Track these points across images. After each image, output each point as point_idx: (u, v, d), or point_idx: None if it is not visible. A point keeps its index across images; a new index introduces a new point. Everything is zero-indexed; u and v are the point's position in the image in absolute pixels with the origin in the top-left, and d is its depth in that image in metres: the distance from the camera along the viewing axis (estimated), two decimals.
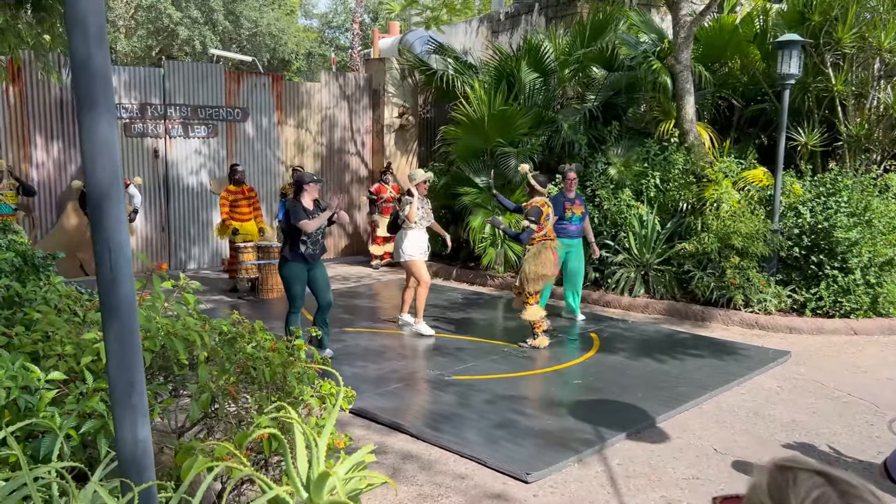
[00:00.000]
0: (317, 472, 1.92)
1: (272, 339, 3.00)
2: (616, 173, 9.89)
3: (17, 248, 4.38)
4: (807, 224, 8.47)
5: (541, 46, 11.25)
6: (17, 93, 9.89)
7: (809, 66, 9.58)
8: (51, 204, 10.35)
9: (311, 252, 6.42)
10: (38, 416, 2.41)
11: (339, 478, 1.87)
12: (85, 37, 1.66)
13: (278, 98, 12.05)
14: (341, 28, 37.22)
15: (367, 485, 2.06)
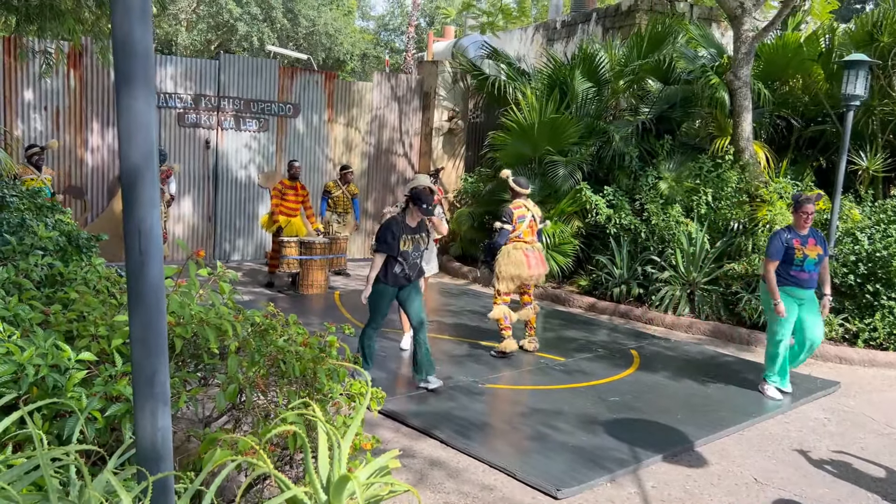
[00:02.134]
0: (337, 474, 1.85)
1: (305, 334, 2.95)
2: (666, 188, 9.67)
3: (62, 228, 4.43)
4: (864, 251, 8.14)
5: (596, 56, 11.09)
6: (77, 77, 10.12)
7: (875, 88, 9.24)
8: (102, 188, 10.56)
9: (407, 274, 5.75)
10: (65, 397, 2.39)
11: (359, 482, 1.80)
12: (127, 11, 1.62)
13: (330, 96, 12.12)
14: (397, 31, 37.46)
15: (388, 491, 1.98)
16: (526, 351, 7.26)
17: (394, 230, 5.64)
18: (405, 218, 5.74)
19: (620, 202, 9.79)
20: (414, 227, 5.76)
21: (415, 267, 5.83)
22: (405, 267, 5.71)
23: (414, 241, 5.74)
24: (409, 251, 5.70)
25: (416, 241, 5.76)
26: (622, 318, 9.11)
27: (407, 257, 5.69)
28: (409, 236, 5.70)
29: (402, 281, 5.76)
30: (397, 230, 5.64)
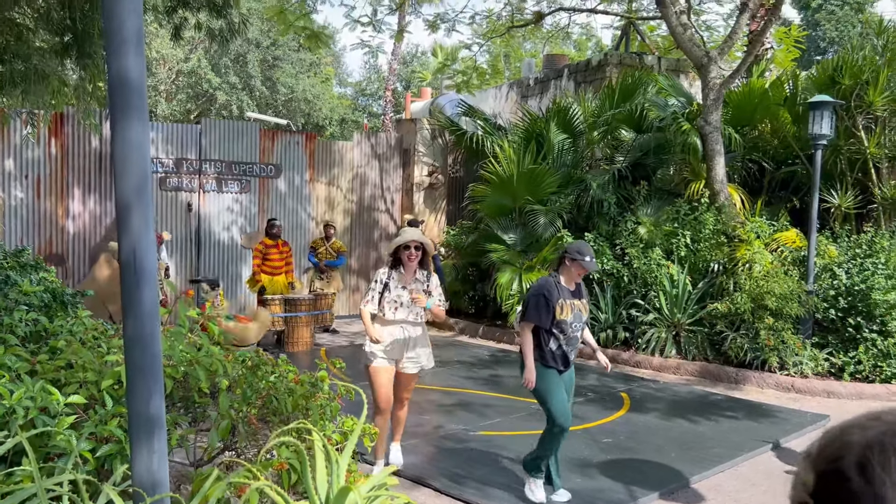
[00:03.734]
0: (336, 489, 1.83)
1: (295, 372, 2.95)
2: (646, 232, 9.82)
3: (47, 286, 4.42)
4: (843, 286, 8.27)
5: (569, 108, 11.38)
6: (58, 145, 10.20)
7: (841, 129, 9.53)
8: (84, 255, 10.51)
9: (564, 353, 4.54)
10: (55, 439, 2.36)
11: (360, 494, 1.78)
12: (122, 44, 1.68)
13: (311, 156, 12.27)
14: (374, 96, 38.20)
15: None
16: None
17: (548, 294, 4.43)
18: (559, 278, 4.53)
19: (602, 248, 9.90)
20: (573, 290, 4.56)
21: (574, 342, 4.56)
22: (562, 343, 4.46)
23: (574, 308, 4.49)
24: (568, 321, 4.44)
25: (576, 309, 4.51)
26: (610, 363, 9.09)
27: (565, 329, 4.43)
28: (568, 301, 4.47)
29: (560, 364, 4.52)
30: (552, 294, 4.44)
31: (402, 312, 4.85)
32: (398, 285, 4.84)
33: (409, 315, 4.85)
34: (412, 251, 4.80)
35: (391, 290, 4.82)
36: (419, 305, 4.79)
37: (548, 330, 4.45)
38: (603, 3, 13.87)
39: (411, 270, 4.87)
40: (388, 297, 4.82)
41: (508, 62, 29.87)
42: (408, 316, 4.85)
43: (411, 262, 4.79)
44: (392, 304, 4.84)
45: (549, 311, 4.42)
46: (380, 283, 4.87)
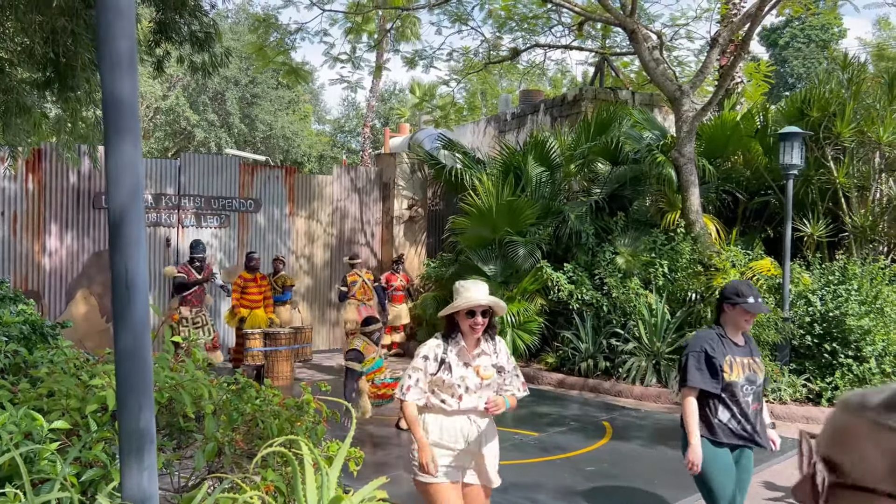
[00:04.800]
0: (327, 499, 1.83)
1: (280, 396, 2.95)
2: (624, 262, 9.93)
3: (26, 318, 4.38)
4: (818, 312, 8.41)
5: (546, 142, 11.57)
6: (35, 181, 10.14)
7: (811, 159, 9.78)
8: (60, 292, 10.40)
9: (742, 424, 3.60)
10: (39, 465, 2.34)
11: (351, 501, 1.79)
12: (117, 66, 1.73)
13: (291, 190, 12.31)
14: (353, 132, 38.48)
15: None
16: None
17: (710, 348, 3.54)
18: (723, 330, 3.63)
19: (581, 278, 10.00)
20: (741, 343, 3.63)
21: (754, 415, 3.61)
22: (736, 413, 3.57)
23: (745, 367, 3.57)
24: (739, 384, 3.54)
25: (748, 369, 3.58)
26: (592, 392, 9.13)
27: (736, 394, 3.54)
28: (738, 359, 3.57)
29: (736, 438, 3.60)
30: (716, 348, 3.54)
31: (469, 400, 3.38)
32: (459, 362, 3.40)
33: (478, 403, 3.40)
34: (478, 318, 3.33)
35: (452, 369, 3.37)
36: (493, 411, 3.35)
37: (716, 396, 3.53)
38: (577, 39, 14.19)
39: (474, 340, 3.44)
40: (449, 379, 3.36)
41: (485, 98, 30.32)
42: (477, 404, 3.40)
43: (476, 333, 3.38)
44: (454, 390, 3.38)
45: (714, 371, 3.51)
46: (433, 361, 3.38)
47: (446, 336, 3.47)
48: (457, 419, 3.42)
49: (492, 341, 3.51)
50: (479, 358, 3.45)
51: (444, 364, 3.39)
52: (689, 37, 20.47)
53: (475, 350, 3.46)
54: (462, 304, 3.35)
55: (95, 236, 10.60)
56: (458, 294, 3.40)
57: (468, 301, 3.34)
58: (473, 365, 3.42)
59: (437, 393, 3.41)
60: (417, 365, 3.40)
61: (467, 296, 3.37)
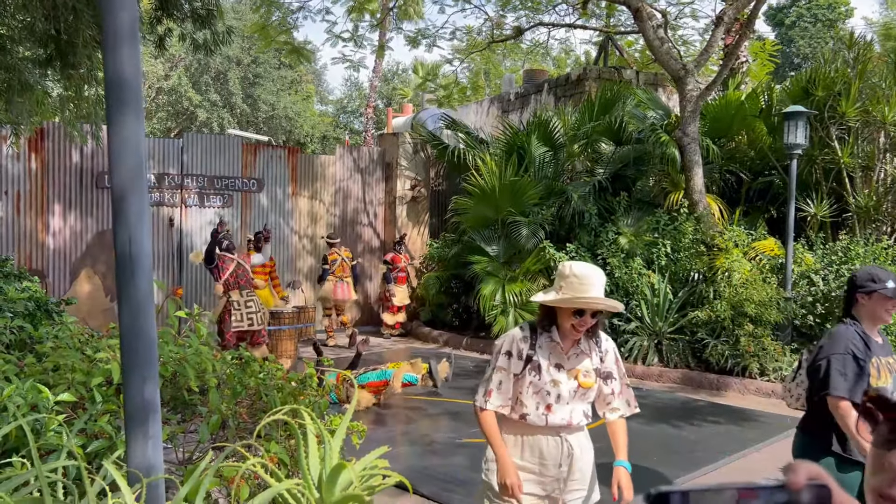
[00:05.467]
0: (329, 467, 1.86)
1: (283, 370, 2.97)
2: (626, 242, 9.93)
3: (31, 294, 4.41)
4: (820, 292, 8.42)
5: (550, 121, 11.52)
6: (38, 160, 10.15)
7: (815, 139, 9.74)
8: (65, 271, 10.44)
9: None
10: (45, 437, 2.37)
11: (354, 471, 1.82)
12: (118, 41, 1.73)
13: (293, 170, 12.30)
14: (355, 113, 38.36)
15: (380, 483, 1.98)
16: None
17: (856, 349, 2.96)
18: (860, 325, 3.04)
19: (583, 258, 10.00)
20: (881, 341, 3.07)
21: None
22: None
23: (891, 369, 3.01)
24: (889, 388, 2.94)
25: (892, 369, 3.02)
26: None
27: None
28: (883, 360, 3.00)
29: None
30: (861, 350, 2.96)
31: (560, 412, 2.66)
32: (550, 363, 2.66)
33: (572, 416, 2.68)
34: (587, 318, 2.60)
35: (541, 371, 2.65)
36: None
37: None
38: (581, 18, 14.09)
39: (571, 340, 2.70)
40: (537, 382, 2.65)
41: (489, 78, 30.17)
42: (571, 418, 2.68)
43: (578, 333, 2.66)
44: (542, 398, 2.65)
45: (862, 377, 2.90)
46: (517, 359, 2.67)
47: (535, 327, 2.71)
48: (542, 437, 2.66)
49: (594, 339, 2.75)
50: (577, 359, 2.69)
51: (530, 363, 2.65)
52: (694, 15, 20.30)
53: (572, 349, 2.69)
54: (573, 301, 2.55)
55: (99, 216, 10.62)
56: (567, 282, 2.58)
57: (584, 301, 2.55)
58: (568, 368, 2.67)
59: (519, 402, 2.66)
60: (500, 363, 2.68)
61: (582, 290, 2.55)
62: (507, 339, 2.73)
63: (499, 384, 2.69)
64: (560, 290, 2.61)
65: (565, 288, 2.59)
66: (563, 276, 2.63)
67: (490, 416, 2.68)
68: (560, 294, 2.59)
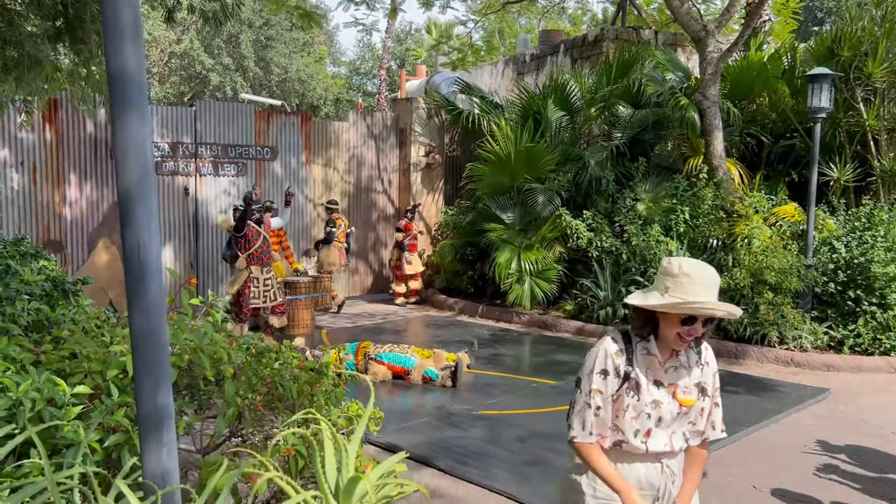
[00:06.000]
0: (346, 477, 1.84)
1: (300, 358, 2.95)
2: (644, 209, 9.81)
3: (47, 274, 4.40)
4: (842, 259, 8.28)
5: (566, 85, 11.31)
6: (53, 131, 10.13)
7: (840, 101, 9.49)
8: (82, 241, 10.49)
9: None
10: (62, 430, 2.37)
11: (371, 482, 1.79)
12: (121, 38, 1.66)
13: (307, 137, 12.20)
14: (368, 74, 37.98)
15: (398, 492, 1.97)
16: None
17: None
18: None
19: (600, 225, 9.90)
20: None
21: None
22: None
23: None
24: None
25: None
26: None
27: None
28: None
29: None
30: None
31: (660, 436, 2.30)
32: (649, 380, 2.29)
33: (673, 441, 2.32)
34: (698, 327, 2.20)
35: (640, 390, 2.27)
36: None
37: None
38: None
39: (670, 350, 2.30)
40: (637, 404, 2.27)
41: (503, 38, 29.68)
42: (672, 443, 2.32)
43: (684, 344, 2.24)
44: (640, 422, 2.29)
45: None
46: (613, 377, 2.27)
47: (628, 336, 2.31)
48: (640, 465, 2.31)
49: (695, 348, 2.34)
50: (675, 374, 2.30)
51: (627, 381, 2.25)
52: None
53: (670, 361, 2.30)
54: (685, 307, 2.15)
55: (114, 186, 10.61)
56: (676, 283, 2.17)
57: (698, 305, 2.14)
58: (667, 383, 2.29)
59: (614, 426, 2.30)
60: (595, 385, 2.25)
61: (694, 292, 2.14)
62: (599, 353, 2.27)
63: (596, 410, 2.25)
64: (666, 291, 2.18)
65: (673, 289, 2.17)
66: (669, 274, 2.20)
67: (594, 449, 2.26)
68: (667, 297, 2.16)
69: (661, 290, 2.21)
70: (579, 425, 2.27)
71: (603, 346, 2.28)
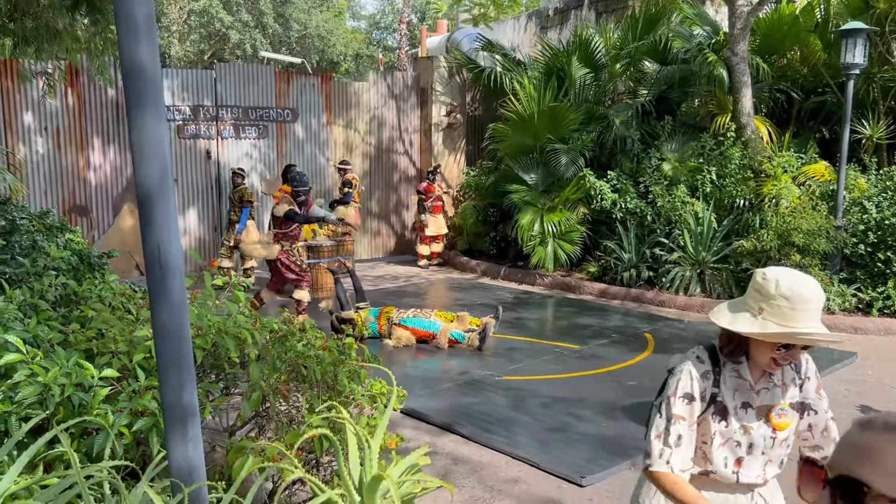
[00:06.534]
0: (369, 474, 1.86)
1: (322, 338, 2.97)
2: (670, 169, 9.65)
3: (73, 248, 4.45)
4: (873, 220, 8.12)
5: (591, 41, 11.05)
6: (75, 96, 10.15)
7: (874, 55, 9.18)
8: (107, 205, 10.58)
9: None
10: (91, 414, 2.41)
11: (392, 481, 1.81)
12: (134, 35, 1.63)
13: (327, 98, 12.11)
14: (389, 29, 37.41)
15: (421, 489, 1.99)
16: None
17: None
18: None
19: (625, 186, 9.77)
20: None
21: None
22: None
23: None
24: None
25: None
26: (634, 302, 9.10)
27: None
28: None
29: None
30: None
31: (753, 465, 2.07)
32: (737, 404, 2.05)
33: (766, 470, 2.09)
34: (796, 353, 1.93)
35: (727, 415, 2.04)
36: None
37: None
38: None
39: (761, 371, 2.03)
40: (724, 431, 2.05)
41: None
42: (765, 472, 2.09)
43: (777, 368, 1.99)
44: (730, 450, 2.06)
45: None
46: (699, 402, 2.02)
47: (714, 354, 2.04)
48: (730, 496, 2.09)
49: (797, 365, 2.07)
50: (768, 395, 2.04)
51: (714, 404, 2.02)
52: None
53: (761, 383, 2.03)
54: (783, 336, 1.87)
55: None
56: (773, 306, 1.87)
57: (799, 333, 1.86)
58: (758, 406, 2.04)
59: (700, 453, 2.07)
60: (677, 411, 1.99)
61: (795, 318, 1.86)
62: (683, 376, 2.00)
63: (678, 439, 1.98)
64: (761, 313, 1.89)
65: (769, 312, 1.87)
66: (765, 295, 1.89)
67: (675, 478, 1.99)
68: (761, 320, 1.88)
69: (753, 310, 1.91)
70: (657, 453, 1.99)
71: (687, 369, 2.01)
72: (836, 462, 1.01)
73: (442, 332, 6.87)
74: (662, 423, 2.01)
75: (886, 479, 0.93)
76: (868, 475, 0.95)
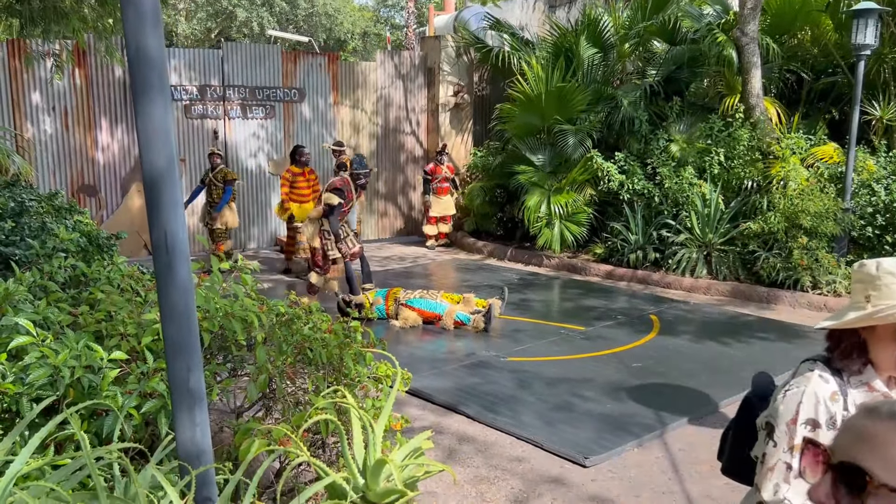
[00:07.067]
0: (373, 457, 1.89)
1: (328, 321, 3.00)
2: (678, 150, 9.60)
3: (82, 229, 4.49)
4: (881, 202, 8.08)
5: (600, 20, 10.96)
6: (83, 76, 10.15)
7: (886, 35, 9.08)
8: (115, 185, 10.63)
9: None
10: (100, 396, 2.45)
11: (395, 465, 1.84)
12: (139, 20, 1.64)
13: (334, 78, 12.07)
14: (396, 7, 37.13)
15: (424, 472, 2.02)
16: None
17: None
18: None
19: (632, 167, 9.74)
20: None
21: None
22: None
23: None
24: None
25: None
26: (640, 284, 9.11)
27: None
28: None
29: None
30: None
31: None
32: None
33: None
34: None
35: None
36: None
37: None
38: None
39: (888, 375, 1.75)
40: None
41: None
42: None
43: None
44: None
45: None
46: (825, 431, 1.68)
47: (838, 368, 1.76)
48: None
49: None
50: None
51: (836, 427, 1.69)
52: None
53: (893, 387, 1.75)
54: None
55: None
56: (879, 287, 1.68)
57: None
58: None
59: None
60: (799, 440, 1.69)
61: None
62: (806, 397, 1.70)
63: (798, 473, 1.67)
64: (869, 300, 1.67)
65: (878, 295, 1.66)
66: (868, 280, 1.70)
67: None
68: (872, 307, 1.66)
69: (860, 303, 1.70)
70: (771, 490, 1.70)
71: (811, 388, 1.69)
72: (838, 447, 0.98)
73: (447, 313, 6.91)
74: (778, 453, 1.71)
75: (889, 468, 0.90)
76: (870, 464, 0.92)
